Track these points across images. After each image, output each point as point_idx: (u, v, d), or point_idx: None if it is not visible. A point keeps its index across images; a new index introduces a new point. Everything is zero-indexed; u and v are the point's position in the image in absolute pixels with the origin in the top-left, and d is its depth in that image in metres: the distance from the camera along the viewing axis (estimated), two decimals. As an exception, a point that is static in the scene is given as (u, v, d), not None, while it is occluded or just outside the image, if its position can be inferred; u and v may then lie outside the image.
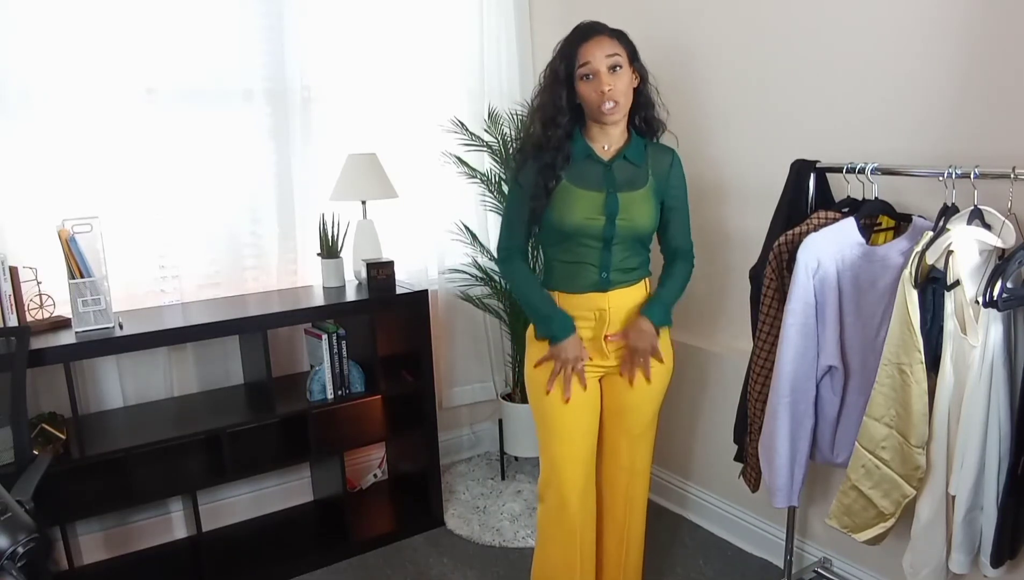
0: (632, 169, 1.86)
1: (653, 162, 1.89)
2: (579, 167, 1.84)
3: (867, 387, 1.78)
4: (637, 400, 1.96)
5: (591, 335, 1.92)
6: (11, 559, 1.15)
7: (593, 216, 1.82)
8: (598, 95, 1.76)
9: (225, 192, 2.67)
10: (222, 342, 2.70)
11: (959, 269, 1.54)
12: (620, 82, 1.77)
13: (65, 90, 2.36)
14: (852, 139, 2.10)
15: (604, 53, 1.75)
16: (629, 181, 1.85)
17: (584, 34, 1.79)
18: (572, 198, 1.82)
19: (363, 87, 2.88)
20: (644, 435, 2.02)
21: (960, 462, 1.60)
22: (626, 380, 1.95)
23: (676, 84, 2.63)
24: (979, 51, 1.80)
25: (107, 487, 2.29)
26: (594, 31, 1.79)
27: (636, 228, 1.85)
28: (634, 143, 1.87)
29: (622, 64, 1.78)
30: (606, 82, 1.74)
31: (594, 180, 1.83)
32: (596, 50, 1.75)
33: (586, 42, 1.77)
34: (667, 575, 2.49)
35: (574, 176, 1.83)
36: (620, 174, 1.85)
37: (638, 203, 1.85)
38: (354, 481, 3.07)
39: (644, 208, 1.86)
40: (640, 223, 1.85)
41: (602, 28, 1.81)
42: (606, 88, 1.74)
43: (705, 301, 2.66)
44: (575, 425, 1.93)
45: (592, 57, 1.75)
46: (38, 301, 2.31)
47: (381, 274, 2.66)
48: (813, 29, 2.16)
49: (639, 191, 1.85)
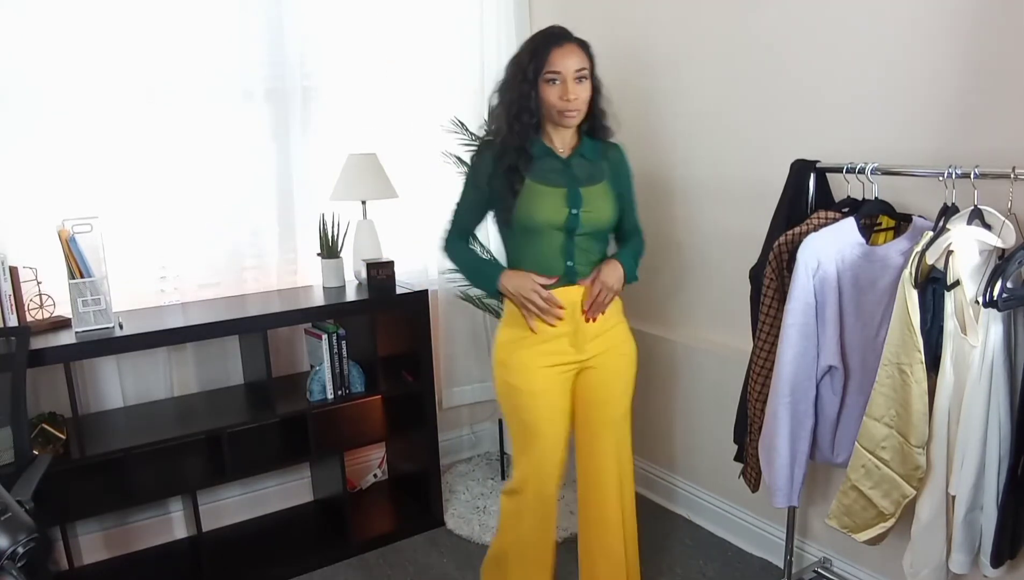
0: (589, 165, 1.94)
1: (605, 158, 1.98)
2: (540, 165, 1.90)
3: (867, 387, 1.78)
4: (614, 389, 2.00)
5: (566, 330, 1.93)
6: (11, 559, 1.15)
7: (558, 210, 1.88)
8: (563, 101, 1.83)
9: (225, 192, 2.67)
10: (222, 342, 2.70)
11: (959, 269, 1.54)
12: (584, 92, 1.86)
13: (65, 90, 2.36)
14: (852, 139, 2.10)
15: (573, 62, 1.83)
16: (588, 176, 1.93)
17: (556, 39, 1.84)
18: (537, 195, 1.88)
19: (363, 86, 2.88)
20: (624, 423, 2.04)
21: (960, 462, 1.60)
22: (601, 373, 1.98)
23: (676, 84, 2.64)
24: (979, 50, 1.80)
25: (107, 487, 2.29)
26: (565, 38, 1.86)
27: (599, 220, 1.92)
28: (586, 142, 1.95)
29: (587, 75, 1.86)
30: (572, 90, 1.82)
31: (556, 177, 1.90)
32: (567, 58, 1.82)
33: (558, 48, 1.83)
34: (667, 575, 2.49)
35: (537, 174, 1.89)
36: (579, 170, 1.92)
37: (599, 196, 1.92)
38: (354, 481, 3.07)
39: (605, 201, 1.93)
40: (602, 215, 1.93)
41: (571, 36, 1.88)
42: (572, 97, 1.82)
43: (705, 301, 2.67)
44: (551, 420, 1.94)
45: (563, 66, 1.82)
46: (38, 301, 2.31)
47: (381, 274, 2.66)
48: (813, 29, 2.16)
49: (598, 185, 1.93)
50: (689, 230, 2.65)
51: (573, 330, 1.93)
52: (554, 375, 1.93)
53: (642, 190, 2.85)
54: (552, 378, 1.93)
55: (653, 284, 2.85)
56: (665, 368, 2.82)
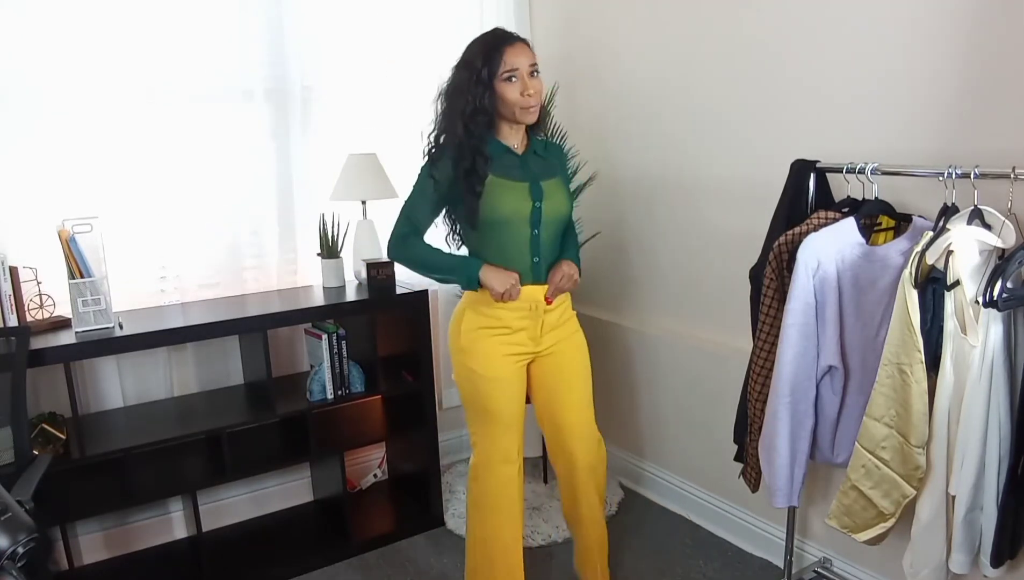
0: (542, 161, 2.06)
1: (552, 154, 2.11)
2: (499, 162, 1.98)
3: (867, 387, 1.78)
4: (572, 372, 2.13)
5: (524, 325, 2.05)
6: (11, 559, 1.15)
7: (522, 203, 1.98)
8: (524, 97, 1.92)
9: (225, 192, 2.67)
10: (222, 342, 2.70)
11: (959, 269, 1.54)
12: (540, 85, 1.97)
13: (65, 90, 2.36)
14: (852, 139, 2.10)
15: (527, 58, 1.93)
16: (544, 171, 2.04)
17: (506, 40, 1.94)
18: (500, 190, 1.97)
19: (363, 87, 2.88)
20: (588, 409, 2.16)
21: (960, 462, 1.60)
22: (558, 358, 2.11)
23: (676, 84, 2.64)
24: (979, 51, 1.80)
25: (107, 487, 2.29)
26: (515, 38, 1.96)
27: (559, 211, 2.03)
28: (535, 140, 2.07)
29: (538, 70, 1.97)
30: (531, 85, 1.93)
31: (516, 172, 1.99)
32: (520, 56, 1.92)
33: (511, 47, 1.92)
34: (667, 575, 2.49)
35: (497, 170, 1.97)
36: (535, 166, 2.03)
37: (556, 189, 2.04)
38: (354, 481, 3.07)
39: (561, 193, 2.06)
40: (562, 207, 2.04)
41: (519, 36, 1.98)
42: (532, 91, 1.93)
43: (705, 301, 2.66)
44: (509, 402, 2.08)
45: (518, 63, 1.92)
46: (38, 301, 2.31)
47: (381, 274, 2.66)
48: (814, 29, 2.16)
49: (554, 179, 2.06)
50: (689, 230, 2.65)
51: (534, 325, 2.05)
52: (511, 363, 2.06)
53: (643, 190, 2.87)
54: (510, 365, 2.06)
55: (653, 284, 2.85)
56: (664, 368, 2.82)
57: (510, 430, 2.10)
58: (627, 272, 2.37)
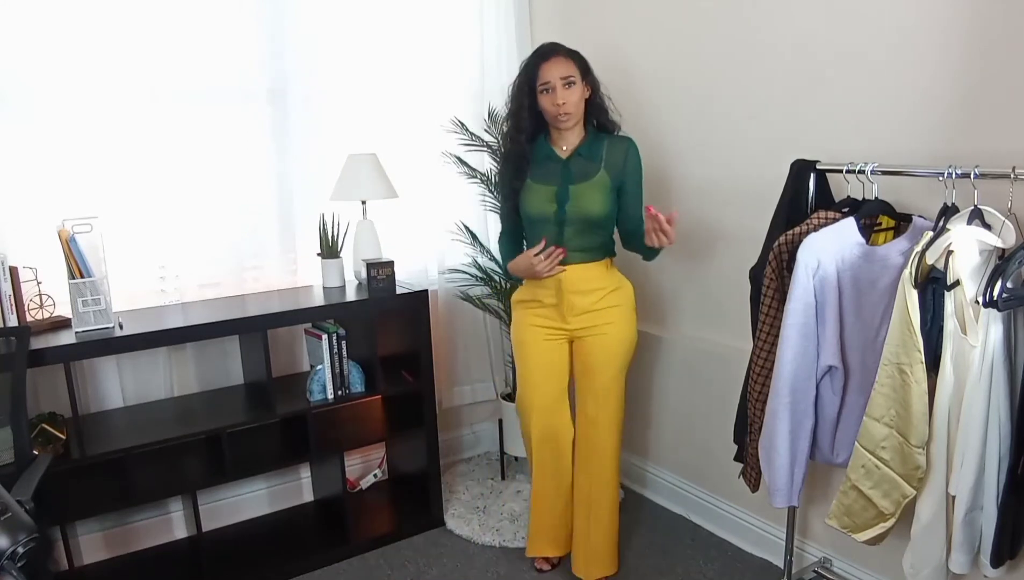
0: (585, 163, 2.23)
1: (608, 154, 2.24)
2: (540, 166, 2.26)
3: (867, 387, 1.78)
4: (600, 360, 2.29)
5: (552, 302, 2.29)
6: (11, 559, 1.15)
7: (547, 205, 2.23)
8: (555, 107, 2.15)
9: (225, 192, 2.67)
10: (222, 342, 2.70)
11: (959, 269, 1.54)
12: (573, 96, 2.15)
13: (65, 90, 2.36)
14: (852, 139, 2.10)
15: (559, 72, 2.14)
16: (582, 173, 2.22)
17: (544, 55, 2.17)
18: (531, 192, 2.26)
19: (363, 87, 2.88)
20: (607, 393, 2.31)
21: (960, 462, 1.60)
22: (591, 343, 2.29)
23: (676, 84, 2.64)
24: (979, 50, 1.80)
25: (107, 487, 2.29)
26: (552, 52, 2.17)
27: (585, 212, 2.20)
28: (590, 140, 2.25)
29: (575, 80, 2.16)
30: (560, 96, 2.14)
31: (551, 176, 2.24)
32: (554, 69, 2.14)
33: (545, 62, 2.15)
34: (667, 575, 2.49)
35: (535, 174, 2.26)
36: (575, 168, 2.23)
37: (588, 191, 2.20)
38: (354, 481, 3.07)
39: (594, 195, 2.20)
40: (591, 209, 2.20)
41: (559, 48, 2.19)
42: (561, 101, 2.14)
43: (705, 301, 2.67)
44: (534, 367, 2.34)
45: (550, 76, 2.14)
46: (38, 301, 2.31)
47: (381, 274, 2.66)
48: (814, 29, 2.16)
49: (590, 181, 2.21)
50: (689, 230, 2.65)
51: (559, 302, 2.28)
52: (538, 333, 2.34)
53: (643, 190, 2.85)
54: (536, 334, 2.34)
55: (653, 284, 2.85)
56: (665, 367, 2.82)
57: (531, 388, 2.35)
58: (626, 272, 2.38)
